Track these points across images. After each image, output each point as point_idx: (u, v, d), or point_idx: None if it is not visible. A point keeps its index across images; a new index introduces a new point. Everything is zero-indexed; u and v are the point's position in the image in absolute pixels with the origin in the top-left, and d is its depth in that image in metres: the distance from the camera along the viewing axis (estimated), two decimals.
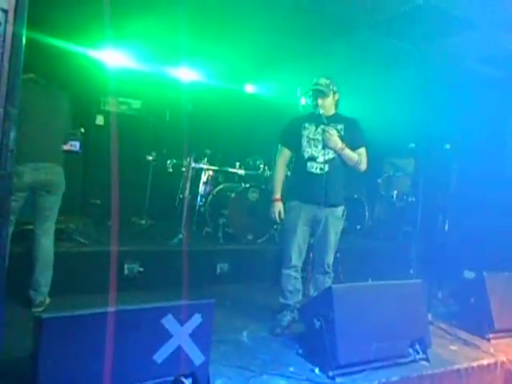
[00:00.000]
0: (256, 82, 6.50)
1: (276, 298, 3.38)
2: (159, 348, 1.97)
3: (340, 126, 3.13)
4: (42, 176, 2.99)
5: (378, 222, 6.11)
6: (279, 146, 3.29)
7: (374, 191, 6.40)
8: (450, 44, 4.17)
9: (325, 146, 3.06)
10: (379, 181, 6.32)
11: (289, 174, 3.66)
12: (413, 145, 4.26)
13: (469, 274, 4.62)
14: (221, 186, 5.04)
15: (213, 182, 5.20)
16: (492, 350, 3.07)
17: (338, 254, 4.29)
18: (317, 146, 3.11)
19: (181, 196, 4.89)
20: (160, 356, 1.97)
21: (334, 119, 3.15)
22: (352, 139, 3.12)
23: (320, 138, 3.10)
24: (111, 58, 5.32)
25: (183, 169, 4.81)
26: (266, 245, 4.70)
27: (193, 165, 4.66)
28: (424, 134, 4.79)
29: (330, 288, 2.51)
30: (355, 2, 3.57)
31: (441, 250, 4.39)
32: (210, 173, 5.21)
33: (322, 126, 3.07)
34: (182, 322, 2.02)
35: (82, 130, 4.91)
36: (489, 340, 3.22)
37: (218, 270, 4.20)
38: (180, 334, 2.02)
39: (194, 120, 5.16)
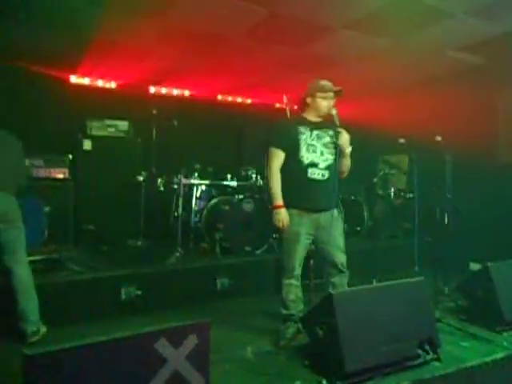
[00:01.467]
0: (241, 92, 6.47)
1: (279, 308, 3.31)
2: (154, 375, 1.87)
3: (331, 133, 3.09)
4: None
5: (377, 221, 6.01)
6: (273, 149, 3.08)
7: (370, 191, 6.33)
8: (429, 35, 4.12)
9: (323, 152, 3.03)
10: (375, 180, 6.23)
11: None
12: (402, 140, 4.20)
13: (474, 266, 4.54)
14: (215, 200, 4.95)
15: (206, 196, 5.12)
16: (505, 343, 2.97)
17: None
18: (315, 152, 3.04)
19: (175, 214, 4.81)
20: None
21: (325, 125, 3.11)
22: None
23: (316, 143, 3.05)
24: (95, 81, 5.32)
25: (175, 186, 4.74)
26: (266, 255, 4.62)
27: (184, 181, 4.59)
28: (413, 127, 4.73)
29: (330, 294, 2.42)
30: (327, 4, 3.54)
31: (444, 244, 4.31)
32: (203, 187, 5.14)
33: (336, 130, 3.05)
34: (176, 345, 1.94)
35: (70, 156, 4.91)
36: (500, 333, 3.11)
37: (219, 286, 4.11)
38: (175, 358, 1.93)
39: (181, 135, 5.13)
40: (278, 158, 3.07)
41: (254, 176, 5.03)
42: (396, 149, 5.73)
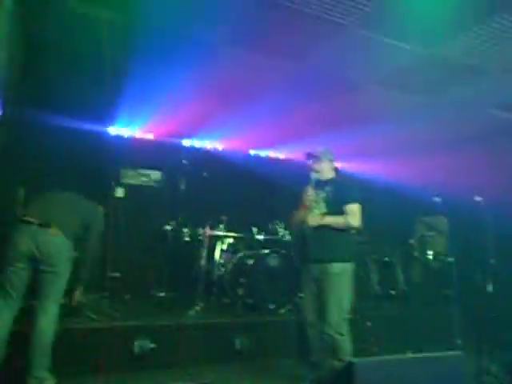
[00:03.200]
0: (271, 147, 6.54)
1: (302, 373, 3.31)
2: None
3: (329, 189, 3.28)
4: (39, 246, 2.84)
5: (413, 286, 5.61)
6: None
7: (406, 253, 5.99)
8: (464, 93, 4.03)
9: (314, 208, 3.26)
10: (411, 241, 5.93)
11: None
12: (438, 198, 3.97)
13: None
14: (240, 254, 4.82)
15: (232, 249, 5.00)
16: None
17: (369, 323, 3.91)
18: (309, 209, 3.28)
19: (199, 266, 4.70)
20: None
21: (327, 183, 3.33)
22: (339, 199, 3.21)
23: (314, 200, 3.27)
24: (128, 131, 5.57)
25: (200, 237, 4.67)
26: (290, 314, 4.33)
27: (208, 232, 4.53)
28: (452, 188, 4.50)
29: (351, 363, 2.17)
30: (356, 60, 3.56)
31: (489, 315, 3.89)
32: (230, 240, 5.04)
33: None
34: None
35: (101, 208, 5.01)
36: None
37: (238, 345, 3.85)
38: None
39: (211, 187, 5.13)
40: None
41: (281, 231, 4.89)
42: (434, 210, 5.47)
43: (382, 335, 4.09)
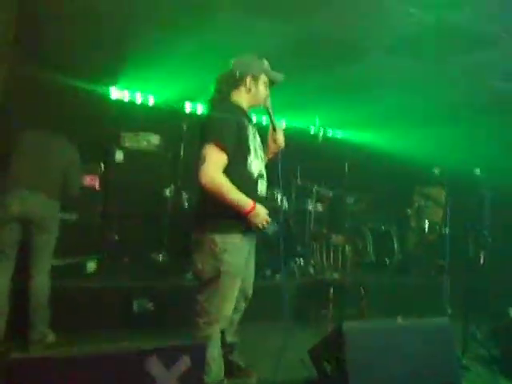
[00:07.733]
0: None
1: (294, 338, 3.16)
2: None
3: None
4: (30, 209, 2.87)
5: (408, 255, 5.71)
6: (214, 149, 2.08)
7: (403, 223, 6.06)
8: (471, 62, 3.93)
9: (263, 158, 2.38)
10: (409, 211, 5.99)
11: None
12: (437, 170, 3.95)
13: None
14: None
15: None
16: None
17: (362, 290, 4.00)
18: (258, 158, 2.28)
19: None
20: None
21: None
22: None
23: (256, 144, 2.29)
24: (129, 94, 5.50)
25: None
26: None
27: None
28: (451, 158, 4.49)
29: (339, 326, 2.25)
30: (365, 26, 3.45)
31: (479, 286, 3.99)
32: None
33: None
34: (168, 366, 1.83)
35: (102, 165, 5.00)
36: None
37: None
38: (166, 380, 1.82)
39: None
40: (221, 163, 2.11)
41: (279, 198, 4.91)
42: (433, 181, 5.48)
43: (374, 302, 4.20)
